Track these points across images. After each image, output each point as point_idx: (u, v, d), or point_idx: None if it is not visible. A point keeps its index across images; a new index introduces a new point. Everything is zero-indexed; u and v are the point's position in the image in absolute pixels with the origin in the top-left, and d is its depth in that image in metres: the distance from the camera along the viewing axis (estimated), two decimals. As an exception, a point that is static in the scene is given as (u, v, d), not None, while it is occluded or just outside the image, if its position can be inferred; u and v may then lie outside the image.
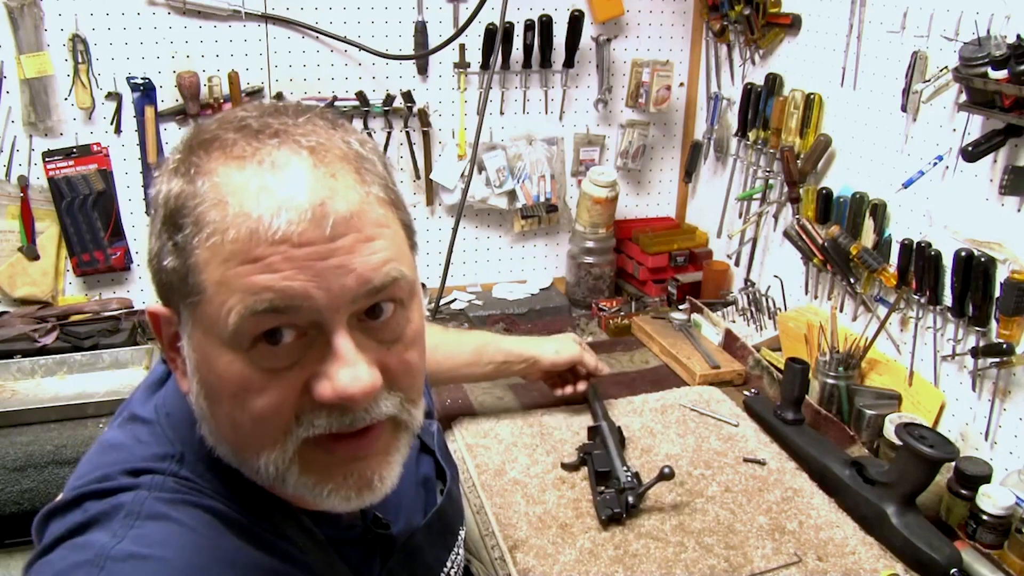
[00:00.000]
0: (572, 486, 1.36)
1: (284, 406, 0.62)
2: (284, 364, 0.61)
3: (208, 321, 0.61)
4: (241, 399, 0.62)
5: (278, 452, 0.63)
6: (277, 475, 0.64)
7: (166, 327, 0.67)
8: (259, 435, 0.63)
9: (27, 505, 1.50)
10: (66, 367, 1.75)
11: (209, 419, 0.65)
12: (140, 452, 0.69)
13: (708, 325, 1.98)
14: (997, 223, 1.40)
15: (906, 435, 1.20)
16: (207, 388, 0.63)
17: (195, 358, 0.63)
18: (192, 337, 0.63)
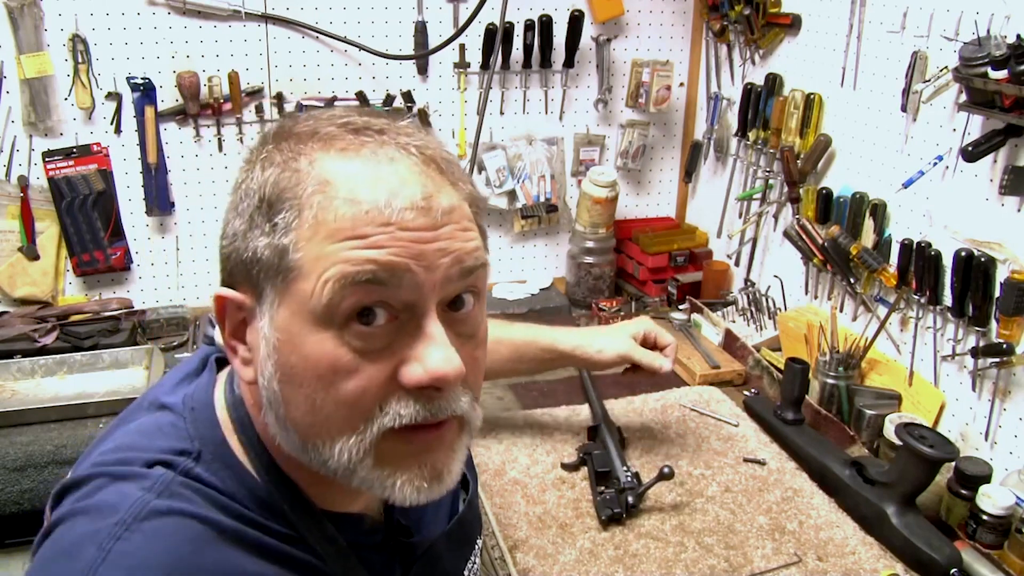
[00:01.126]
0: (572, 486, 1.36)
1: (370, 391, 0.62)
2: (376, 346, 0.62)
3: (301, 297, 0.61)
4: (328, 381, 0.61)
5: (356, 439, 0.63)
6: (349, 463, 0.63)
7: (234, 313, 0.67)
8: (339, 420, 0.63)
9: (27, 505, 1.50)
10: (66, 367, 1.75)
11: (281, 404, 0.64)
12: (160, 443, 0.68)
13: (708, 325, 1.98)
14: (997, 223, 1.40)
15: (906, 435, 1.20)
16: (287, 370, 0.63)
17: (277, 339, 0.63)
18: (276, 317, 0.63)
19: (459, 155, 2.18)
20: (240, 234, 0.66)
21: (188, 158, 2.02)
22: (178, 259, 2.09)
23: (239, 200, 0.67)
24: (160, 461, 0.66)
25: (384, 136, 0.65)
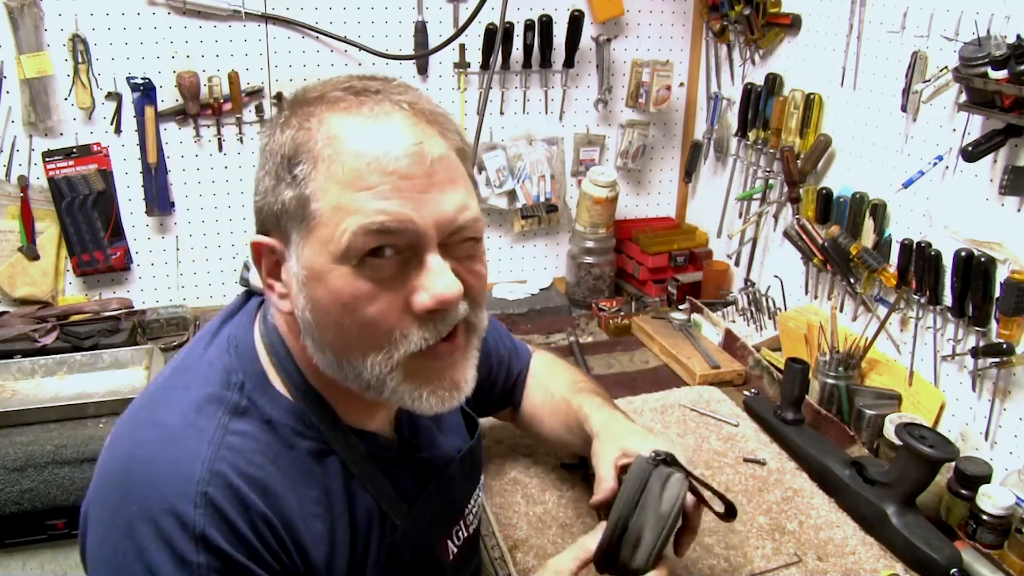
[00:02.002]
0: (572, 486, 1.36)
1: (389, 315, 0.75)
2: (387, 275, 0.74)
3: (323, 240, 0.74)
4: (351, 307, 0.74)
5: (383, 357, 0.76)
6: (379, 377, 0.77)
7: (268, 257, 0.79)
8: (365, 340, 0.76)
9: (27, 505, 1.50)
10: (66, 367, 1.75)
11: (315, 330, 0.77)
12: (214, 377, 0.81)
13: (708, 325, 1.98)
14: (997, 223, 1.40)
15: (906, 435, 1.20)
16: (315, 302, 0.76)
17: (304, 276, 0.75)
18: (302, 257, 0.75)
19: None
20: (269, 189, 0.77)
21: (188, 158, 2.02)
22: (178, 259, 2.09)
23: (265, 160, 0.78)
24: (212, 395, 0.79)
25: (380, 95, 0.76)
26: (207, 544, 0.72)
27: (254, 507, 0.75)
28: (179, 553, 0.71)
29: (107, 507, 0.76)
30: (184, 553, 0.71)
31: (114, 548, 0.74)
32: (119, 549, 0.73)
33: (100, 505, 0.77)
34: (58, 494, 1.51)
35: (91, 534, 0.77)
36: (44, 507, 1.52)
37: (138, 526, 0.72)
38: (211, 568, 0.72)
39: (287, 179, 0.75)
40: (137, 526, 0.72)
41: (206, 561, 0.72)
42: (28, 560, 1.60)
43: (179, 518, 0.72)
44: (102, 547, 0.75)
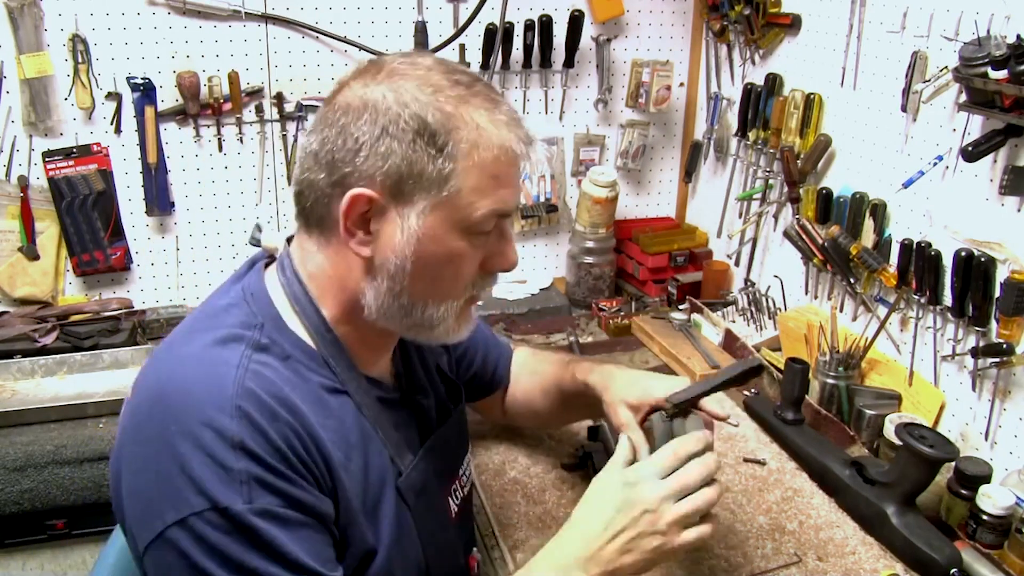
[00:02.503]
0: (572, 486, 1.36)
1: (471, 273, 0.91)
2: (481, 243, 0.90)
3: (453, 210, 0.86)
4: (455, 265, 0.89)
5: (454, 303, 0.91)
6: (446, 317, 0.92)
7: (360, 207, 0.85)
8: (451, 290, 0.91)
9: (27, 505, 1.50)
10: (66, 367, 1.75)
11: (406, 277, 0.88)
12: (232, 319, 0.89)
13: (708, 325, 1.98)
14: (997, 223, 1.40)
15: (906, 435, 1.20)
16: (423, 255, 0.87)
17: (422, 233, 0.86)
18: (425, 218, 0.86)
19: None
20: (387, 150, 0.84)
21: (188, 158, 2.02)
22: (178, 259, 2.09)
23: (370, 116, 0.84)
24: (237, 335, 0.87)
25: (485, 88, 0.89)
26: (246, 451, 0.78)
27: (284, 419, 0.82)
28: (220, 461, 0.77)
29: (144, 434, 0.81)
30: (225, 461, 0.77)
31: (156, 470, 0.78)
32: (161, 469, 0.78)
33: (136, 436, 0.82)
34: (58, 494, 1.51)
35: (128, 468, 0.81)
36: (44, 507, 1.52)
37: (178, 442, 0.78)
38: (250, 475, 0.78)
39: (429, 151, 0.84)
40: (177, 442, 0.78)
41: (245, 467, 0.78)
42: (28, 560, 1.60)
43: (217, 430, 0.78)
44: (142, 474, 0.80)
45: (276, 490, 0.79)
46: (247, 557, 0.76)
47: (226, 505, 0.76)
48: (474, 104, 0.86)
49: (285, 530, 0.79)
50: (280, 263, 0.95)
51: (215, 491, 0.76)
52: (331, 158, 0.86)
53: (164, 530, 0.77)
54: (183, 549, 0.76)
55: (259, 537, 0.77)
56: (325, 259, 0.91)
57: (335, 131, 0.85)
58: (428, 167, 0.84)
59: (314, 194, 0.88)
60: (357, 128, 0.84)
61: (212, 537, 0.76)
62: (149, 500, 0.79)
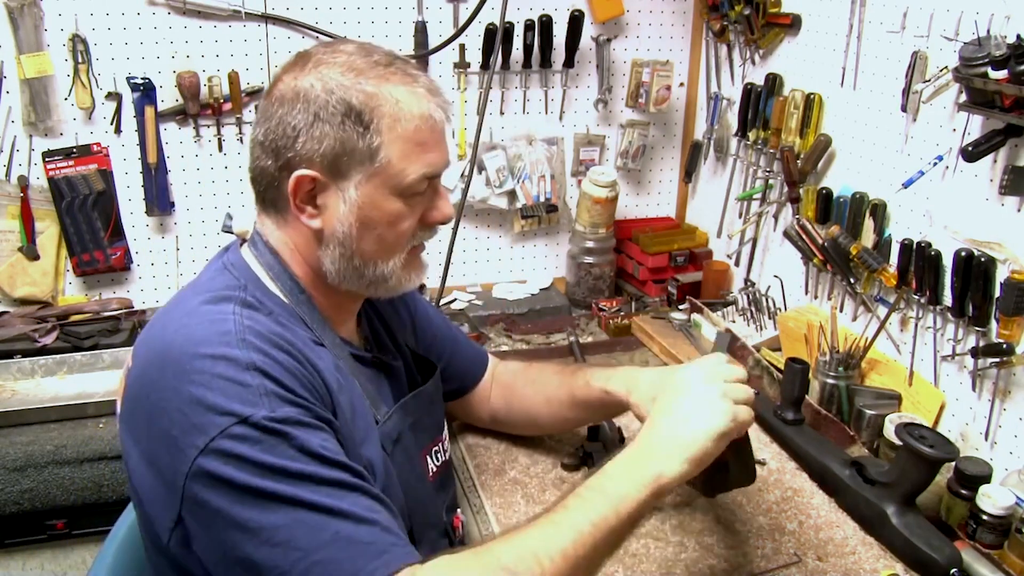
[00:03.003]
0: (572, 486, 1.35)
1: (412, 227, 1.01)
2: (418, 202, 1.00)
3: (386, 178, 0.96)
4: (395, 224, 0.99)
5: (399, 256, 1.02)
6: (394, 270, 1.02)
7: (305, 187, 0.96)
8: (395, 246, 1.01)
9: (27, 505, 1.50)
10: (66, 367, 1.75)
11: (354, 241, 0.98)
12: (217, 284, 0.98)
13: (708, 325, 1.98)
14: (997, 223, 1.40)
15: (906, 435, 1.20)
16: (367, 220, 0.98)
17: (361, 202, 0.97)
18: (361, 189, 0.96)
19: (459, 155, 2.18)
20: (320, 133, 0.94)
21: (188, 158, 2.02)
22: (178, 259, 2.09)
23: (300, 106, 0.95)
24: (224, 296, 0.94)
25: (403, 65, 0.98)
26: (259, 370, 0.85)
27: (286, 349, 0.90)
28: (237, 381, 0.83)
29: (157, 385, 0.86)
30: (242, 380, 0.83)
31: (177, 408, 0.82)
32: (182, 406, 0.82)
33: (149, 391, 0.86)
34: (58, 494, 1.51)
35: (148, 423, 0.86)
36: (44, 507, 1.52)
37: (193, 378, 0.83)
38: (267, 389, 0.84)
39: (357, 129, 0.94)
40: (192, 379, 0.83)
41: (261, 383, 0.84)
42: (28, 560, 1.60)
43: (229, 358, 0.85)
44: (164, 417, 0.84)
45: (293, 403, 0.85)
46: (278, 460, 0.81)
47: (250, 414, 0.81)
48: (393, 81, 0.96)
49: (308, 431, 0.84)
50: (252, 240, 1.05)
51: (237, 406, 0.82)
52: (275, 146, 0.96)
53: (197, 457, 0.80)
54: (217, 472, 0.80)
55: (286, 438, 0.82)
56: (284, 235, 1.02)
57: (275, 122, 0.96)
58: (359, 144, 0.95)
59: (265, 179, 0.99)
60: (293, 117, 0.95)
61: (242, 449, 0.80)
62: (177, 438, 0.82)
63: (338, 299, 1.06)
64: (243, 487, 0.79)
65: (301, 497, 0.80)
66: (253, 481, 0.79)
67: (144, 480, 0.87)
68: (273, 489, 0.80)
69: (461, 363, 1.37)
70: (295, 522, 0.80)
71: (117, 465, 1.53)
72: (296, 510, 0.80)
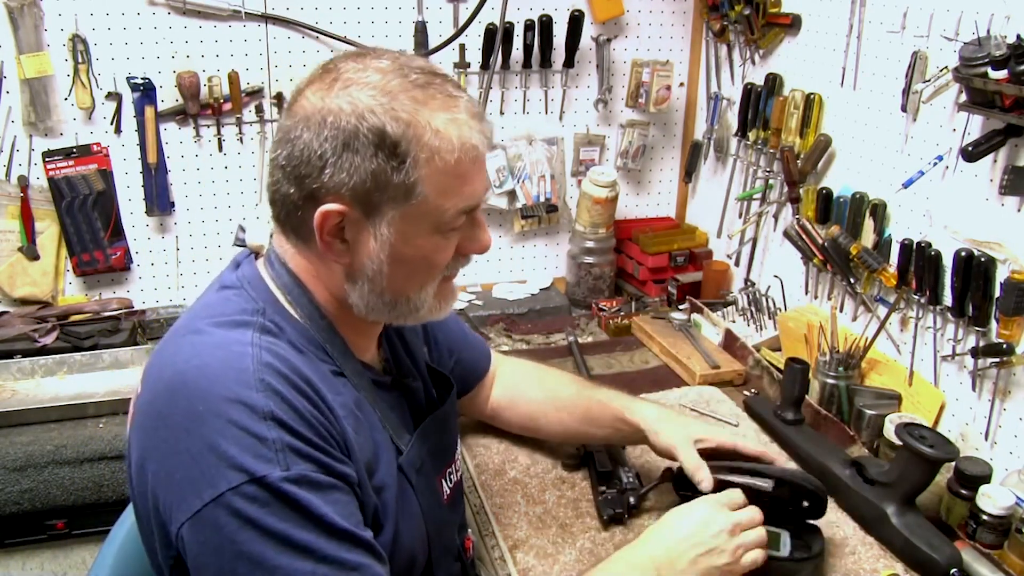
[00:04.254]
0: (572, 486, 1.36)
1: (447, 259, 0.94)
2: (455, 235, 0.93)
3: (423, 215, 0.88)
4: (431, 260, 0.93)
5: (432, 285, 0.95)
6: (426, 299, 0.96)
7: (333, 219, 0.87)
8: (428, 279, 0.94)
9: (27, 505, 1.50)
10: (66, 367, 1.75)
11: (384, 278, 0.91)
12: (233, 307, 0.91)
13: (708, 325, 1.98)
14: (997, 223, 1.40)
15: (906, 435, 1.20)
16: (399, 257, 0.90)
17: (394, 238, 0.88)
18: (395, 224, 0.88)
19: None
20: (350, 165, 0.85)
21: (188, 158, 2.02)
22: (178, 259, 2.09)
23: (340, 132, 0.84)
24: (241, 322, 0.89)
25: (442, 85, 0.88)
26: (276, 421, 0.80)
27: (304, 391, 0.84)
28: (253, 433, 0.78)
29: (169, 421, 0.81)
30: (258, 432, 0.79)
31: (188, 451, 0.78)
32: (192, 450, 0.78)
33: (160, 424, 0.82)
34: (58, 494, 1.51)
35: (155, 457, 0.82)
36: (44, 507, 1.52)
37: (208, 421, 0.79)
38: (284, 443, 0.79)
39: (392, 163, 0.85)
40: (207, 421, 0.79)
41: (278, 436, 0.79)
42: (28, 560, 1.60)
43: (246, 404, 0.80)
44: (173, 458, 0.80)
45: (309, 456, 0.81)
46: (285, 527, 0.78)
47: (263, 475, 0.77)
48: (432, 107, 0.86)
49: (320, 495, 0.80)
50: (268, 258, 0.97)
51: (251, 463, 0.77)
52: (298, 173, 0.87)
53: (201, 508, 0.77)
54: (220, 525, 0.77)
55: (296, 504, 0.78)
56: (307, 261, 0.94)
57: (299, 147, 0.86)
58: (393, 178, 0.85)
59: (286, 206, 0.90)
60: (319, 144, 0.85)
61: (249, 510, 0.77)
62: (182, 482, 0.79)
63: (362, 326, 1.00)
64: (242, 550, 0.77)
65: (298, 570, 0.78)
66: (252, 542, 0.77)
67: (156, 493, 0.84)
68: (272, 559, 0.77)
69: (468, 359, 1.35)
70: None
71: (117, 465, 1.53)
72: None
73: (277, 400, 0.81)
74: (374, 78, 0.86)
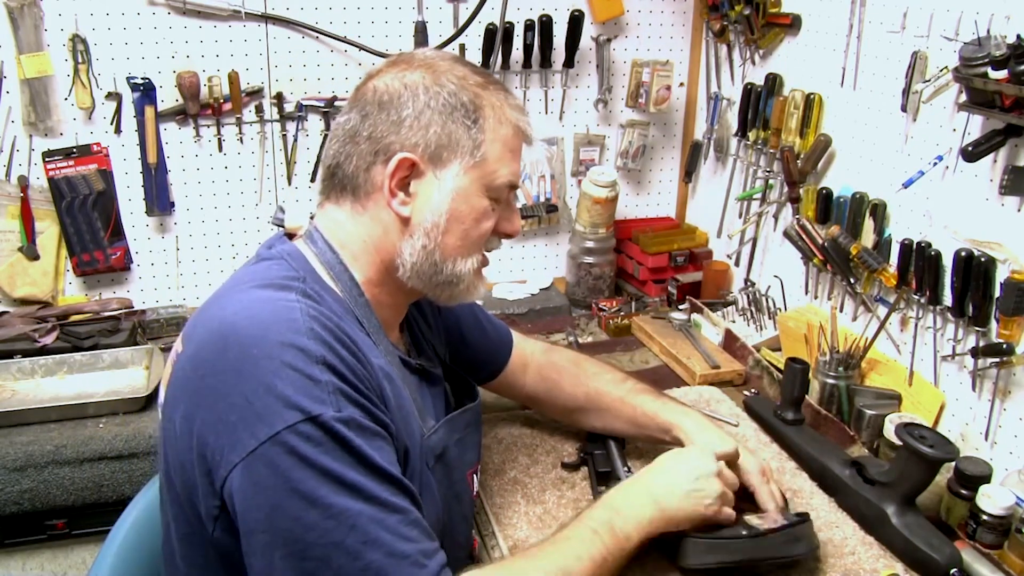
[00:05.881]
0: (572, 486, 1.36)
1: (488, 233, 1.04)
2: (497, 208, 1.04)
3: (482, 174, 1.00)
4: (479, 221, 1.02)
5: (474, 259, 1.04)
6: (467, 273, 1.03)
7: (403, 171, 0.98)
8: (474, 245, 1.03)
9: (27, 505, 1.50)
10: (66, 367, 1.75)
11: (441, 233, 1.00)
12: (275, 273, 0.95)
13: (708, 325, 1.98)
14: (997, 223, 1.40)
15: (906, 435, 1.20)
16: (455, 211, 0.99)
17: (456, 193, 0.99)
18: (459, 180, 0.99)
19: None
20: (431, 122, 0.97)
21: (188, 158, 2.02)
22: (178, 259, 2.09)
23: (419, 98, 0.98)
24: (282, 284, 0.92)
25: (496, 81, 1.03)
26: (328, 366, 0.84)
27: (348, 346, 0.88)
28: (307, 374, 0.82)
29: (219, 366, 0.84)
30: (312, 374, 0.82)
31: (241, 393, 0.81)
32: (247, 391, 0.81)
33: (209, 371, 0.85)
34: (58, 494, 1.51)
35: (204, 404, 0.84)
36: (44, 507, 1.52)
37: (261, 364, 0.82)
38: (336, 387, 0.83)
39: (465, 122, 0.98)
40: (260, 364, 0.82)
41: (330, 380, 0.83)
42: (28, 560, 1.60)
43: (300, 347, 0.83)
44: (225, 400, 0.82)
45: (357, 403, 0.85)
46: (338, 466, 0.80)
47: (318, 413, 0.80)
48: (492, 91, 1.02)
49: (367, 439, 0.84)
50: (309, 236, 1.03)
51: (306, 403, 0.80)
52: (373, 130, 0.98)
53: (257, 448, 0.79)
54: (276, 463, 0.79)
55: (348, 445, 0.82)
56: (359, 225, 1.01)
57: (376, 108, 0.98)
58: (464, 135, 0.98)
59: (353, 163, 0.99)
60: (401, 104, 0.97)
61: (304, 448, 0.79)
62: (236, 424, 0.81)
63: (395, 300, 1.06)
64: (296, 488, 0.79)
65: (349, 508, 0.81)
66: (307, 480, 0.79)
67: (184, 469, 0.86)
68: (325, 497, 0.80)
69: (489, 345, 1.38)
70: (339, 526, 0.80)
71: (117, 465, 1.53)
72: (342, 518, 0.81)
73: (326, 347, 0.85)
74: (445, 65, 1.01)
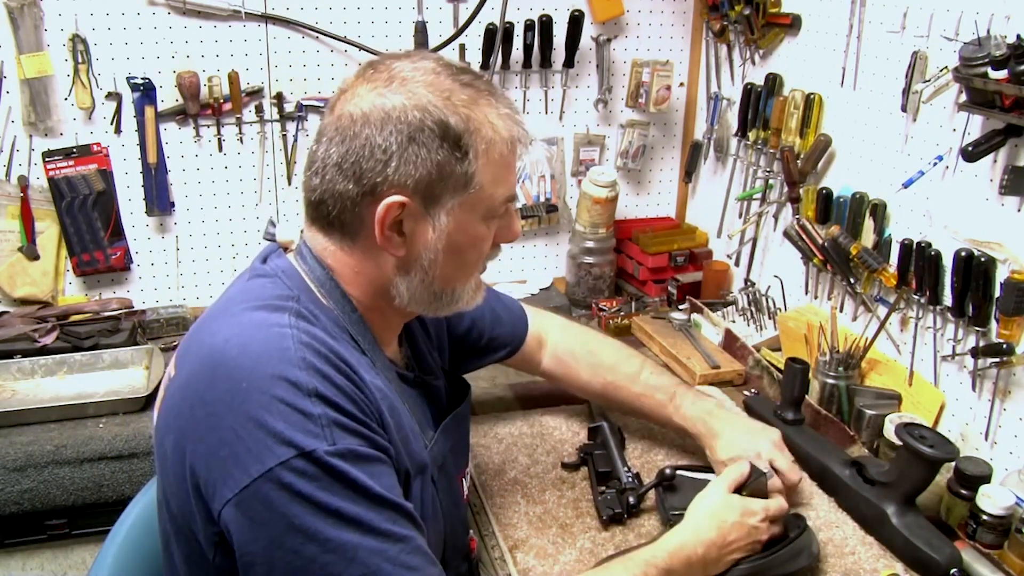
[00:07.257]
0: (572, 486, 1.36)
1: (487, 250, 1.01)
2: (495, 223, 0.99)
3: (477, 203, 0.94)
4: (479, 247, 0.98)
5: (475, 278, 1.02)
6: (469, 289, 1.01)
7: (395, 213, 0.90)
8: (474, 268, 1.01)
9: (27, 505, 1.50)
10: (66, 367, 1.75)
11: (438, 266, 0.95)
12: (268, 293, 0.93)
13: (708, 325, 1.98)
14: (997, 223, 1.40)
15: (906, 435, 1.20)
16: (452, 246, 0.94)
17: (451, 227, 0.93)
18: (453, 214, 0.93)
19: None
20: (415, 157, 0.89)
21: (188, 158, 2.02)
22: (178, 259, 2.09)
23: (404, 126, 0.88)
24: (276, 305, 0.90)
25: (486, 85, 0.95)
26: (321, 397, 0.82)
27: (343, 371, 0.86)
28: (299, 409, 0.80)
29: (210, 398, 0.82)
30: (304, 408, 0.80)
31: (232, 428, 0.79)
32: (238, 426, 0.79)
33: (199, 402, 0.83)
34: (58, 494, 1.51)
35: (195, 436, 0.82)
36: (44, 507, 1.52)
37: (252, 398, 0.80)
38: (330, 419, 0.81)
39: (455, 154, 0.90)
40: (251, 398, 0.80)
41: (323, 412, 0.81)
42: (28, 560, 1.60)
43: (291, 381, 0.81)
44: (215, 433, 0.80)
45: (354, 431, 0.83)
46: (335, 500, 0.79)
47: (311, 449, 0.78)
48: (482, 104, 0.92)
49: (365, 468, 0.82)
50: (299, 252, 0.99)
51: (299, 438, 0.78)
52: (358, 169, 0.89)
53: (249, 484, 0.78)
54: (270, 500, 0.77)
55: (344, 478, 0.80)
56: (350, 257, 0.96)
57: (359, 142, 0.88)
58: (456, 169, 0.90)
59: (340, 203, 0.91)
60: (383, 139, 0.88)
61: (298, 484, 0.78)
62: (227, 459, 0.79)
63: (391, 318, 1.02)
64: (293, 524, 0.77)
65: (348, 541, 0.79)
66: (302, 516, 0.78)
67: (179, 495, 0.84)
68: (324, 532, 0.78)
69: (504, 329, 1.40)
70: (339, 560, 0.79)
71: (117, 465, 1.53)
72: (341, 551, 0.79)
73: (319, 377, 0.83)
74: (429, 78, 0.90)
